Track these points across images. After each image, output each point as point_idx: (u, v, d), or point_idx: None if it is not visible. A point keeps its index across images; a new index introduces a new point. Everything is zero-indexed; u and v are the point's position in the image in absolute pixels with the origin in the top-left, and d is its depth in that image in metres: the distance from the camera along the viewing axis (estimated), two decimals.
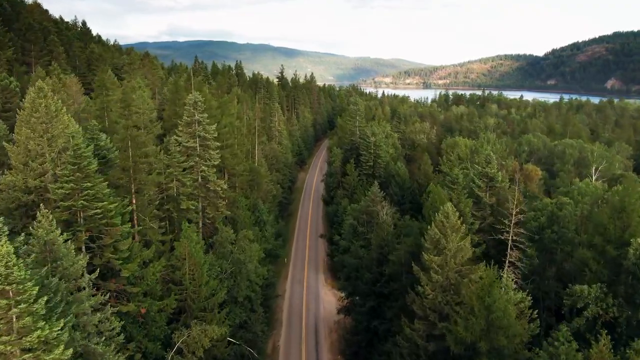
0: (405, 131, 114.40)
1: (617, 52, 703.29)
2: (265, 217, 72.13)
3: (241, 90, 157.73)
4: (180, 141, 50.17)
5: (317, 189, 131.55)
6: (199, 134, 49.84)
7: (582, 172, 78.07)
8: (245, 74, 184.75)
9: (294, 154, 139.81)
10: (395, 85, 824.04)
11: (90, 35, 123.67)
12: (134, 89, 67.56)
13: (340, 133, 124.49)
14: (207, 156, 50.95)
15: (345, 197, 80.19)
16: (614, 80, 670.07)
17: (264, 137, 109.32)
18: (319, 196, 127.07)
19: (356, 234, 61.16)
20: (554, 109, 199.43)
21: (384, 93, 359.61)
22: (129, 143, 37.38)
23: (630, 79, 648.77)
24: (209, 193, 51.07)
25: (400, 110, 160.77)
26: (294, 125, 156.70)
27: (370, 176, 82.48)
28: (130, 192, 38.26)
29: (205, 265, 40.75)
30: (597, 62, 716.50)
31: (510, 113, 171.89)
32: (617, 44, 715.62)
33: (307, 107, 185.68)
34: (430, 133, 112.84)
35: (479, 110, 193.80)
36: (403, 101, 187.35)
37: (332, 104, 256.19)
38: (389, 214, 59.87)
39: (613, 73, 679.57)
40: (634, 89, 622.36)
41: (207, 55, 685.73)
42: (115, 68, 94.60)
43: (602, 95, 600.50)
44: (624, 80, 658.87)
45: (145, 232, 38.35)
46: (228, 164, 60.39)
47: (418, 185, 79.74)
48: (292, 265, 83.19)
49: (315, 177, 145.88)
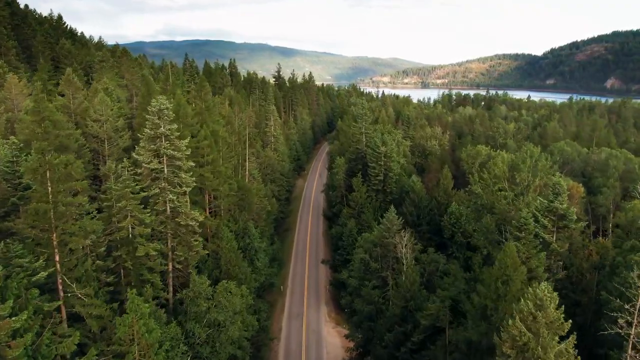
0: (415, 137, 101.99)
1: (616, 52, 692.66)
2: (258, 244, 59.76)
3: (234, 90, 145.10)
4: (141, 161, 37.67)
5: (316, 199, 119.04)
6: (165, 151, 37.36)
7: (629, 187, 65.89)
8: (240, 74, 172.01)
9: (292, 159, 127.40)
10: (394, 85, 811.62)
11: (67, 30, 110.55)
12: (96, 91, 54.99)
13: (343, 138, 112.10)
14: (178, 180, 38.44)
15: (351, 218, 67.84)
16: (614, 80, 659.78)
17: (258, 144, 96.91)
18: (319, 207, 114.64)
19: (368, 270, 48.88)
20: (566, 110, 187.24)
21: (383, 93, 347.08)
22: (46, 174, 24.87)
23: (630, 78, 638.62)
24: (179, 229, 38.57)
25: (405, 113, 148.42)
26: (291, 129, 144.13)
27: (380, 192, 70.11)
28: (51, 245, 25.81)
29: (165, 346, 28.37)
30: (596, 61, 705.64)
31: (522, 115, 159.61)
32: (616, 44, 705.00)
33: (305, 109, 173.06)
34: (442, 139, 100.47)
35: (487, 112, 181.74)
36: (407, 102, 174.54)
37: (331, 105, 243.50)
38: (409, 245, 47.58)
39: (612, 72, 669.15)
40: (634, 88, 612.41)
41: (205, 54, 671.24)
42: (88, 66, 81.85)
43: (601, 95, 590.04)
44: (623, 79, 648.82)
45: (74, 304, 25.89)
46: (209, 184, 47.94)
47: (437, 203, 67.49)
48: (289, 295, 70.73)
49: (314, 185, 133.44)
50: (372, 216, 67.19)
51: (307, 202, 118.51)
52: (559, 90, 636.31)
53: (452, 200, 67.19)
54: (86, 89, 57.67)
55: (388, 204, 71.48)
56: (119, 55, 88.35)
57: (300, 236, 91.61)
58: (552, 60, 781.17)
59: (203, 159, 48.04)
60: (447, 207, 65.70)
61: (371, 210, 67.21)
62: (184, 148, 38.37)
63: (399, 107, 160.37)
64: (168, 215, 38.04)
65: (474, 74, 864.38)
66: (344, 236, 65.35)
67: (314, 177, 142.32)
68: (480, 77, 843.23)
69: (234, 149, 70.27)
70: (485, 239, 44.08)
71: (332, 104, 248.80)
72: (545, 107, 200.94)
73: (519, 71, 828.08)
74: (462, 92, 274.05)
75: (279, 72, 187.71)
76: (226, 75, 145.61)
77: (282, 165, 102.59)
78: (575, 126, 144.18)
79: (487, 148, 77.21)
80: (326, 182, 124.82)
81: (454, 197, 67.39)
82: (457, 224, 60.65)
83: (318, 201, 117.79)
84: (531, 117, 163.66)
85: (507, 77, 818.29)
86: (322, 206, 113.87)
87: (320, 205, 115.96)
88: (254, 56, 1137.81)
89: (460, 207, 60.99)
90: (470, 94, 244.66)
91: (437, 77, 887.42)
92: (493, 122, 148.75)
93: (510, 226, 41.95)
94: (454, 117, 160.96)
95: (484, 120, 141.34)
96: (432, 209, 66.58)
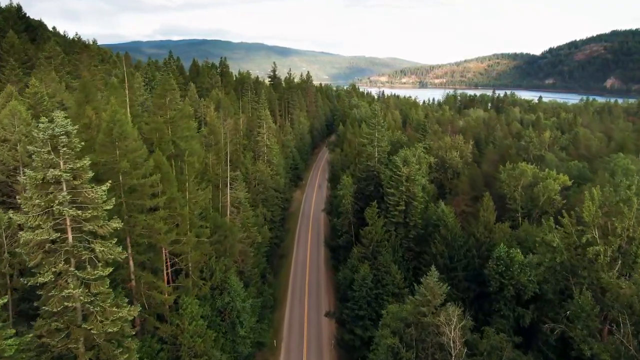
0: (432, 147, 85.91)
1: (615, 51, 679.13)
2: (241, 304, 43.58)
3: (224, 92, 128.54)
4: (25, 225, 21.52)
5: (316, 217, 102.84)
6: (63, 210, 21.19)
7: None
8: (232, 74, 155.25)
9: (288, 169, 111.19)
10: (391, 85, 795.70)
11: (25, 22, 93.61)
12: (10, 96, 38.57)
13: (347, 148, 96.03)
14: (89, 256, 22.26)
15: (364, 260, 51.68)
16: (614, 80, 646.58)
17: (248, 158, 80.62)
18: (319, 227, 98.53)
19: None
20: (584, 112, 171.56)
21: (383, 93, 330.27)
22: None
23: (630, 78, 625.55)
24: (94, 339, 22.38)
25: (414, 117, 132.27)
26: (287, 134, 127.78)
27: (400, 225, 53.92)
28: None
29: None
30: (595, 60, 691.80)
31: (539, 118, 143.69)
32: (615, 43, 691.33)
33: (303, 111, 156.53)
34: (464, 149, 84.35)
35: (499, 114, 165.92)
36: (414, 105, 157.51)
37: (330, 106, 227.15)
38: (457, 327, 31.64)
39: (612, 72, 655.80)
40: (634, 88, 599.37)
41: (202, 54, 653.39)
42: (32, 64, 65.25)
43: (601, 95, 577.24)
44: (623, 79, 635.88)
45: None
46: (162, 238, 31.73)
47: (475, 241, 51.45)
48: (284, 353, 54.54)
49: (313, 199, 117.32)
50: (391, 257, 51.10)
51: (306, 219, 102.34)
52: (558, 90, 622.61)
53: (495, 237, 51.24)
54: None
55: (411, 241, 55.45)
56: (77, 50, 71.60)
57: (298, 269, 75.43)
58: (551, 59, 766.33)
59: (157, 201, 31.81)
60: (489, 248, 49.75)
61: (390, 251, 51.12)
62: (99, 198, 22.15)
63: (404, 109, 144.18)
64: (71, 320, 21.81)
65: (472, 73, 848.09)
66: (356, 285, 49.19)
67: (313, 189, 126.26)
68: (478, 77, 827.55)
69: (213, 170, 53.97)
70: (584, 328, 28.23)
71: (332, 105, 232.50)
72: (559, 109, 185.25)
73: (517, 71, 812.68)
74: (466, 93, 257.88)
75: (274, 71, 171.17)
76: (216, 75, 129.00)
77: (276, 180, 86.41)
78: (599, 131, 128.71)
79: (533, 167, 61.14)
80: (327, 198, 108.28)
81: (498, 232, 51.42)
82: (507, 272, 44.79)
83: (318, 220, 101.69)
84: (550, 121, 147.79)
85: (506, 76, 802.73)
86: (322, 226, 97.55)
87: (320, 224, 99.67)
88: (251, 56, 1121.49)
89: (510, 250, 45.13)
90: (475, 94, 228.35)
91: (435, 77, 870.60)
92: (511, 127, 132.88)
93: (625, 314, 26.30)
94: (467, 121, 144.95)
95: (502, 125, 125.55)
96: (470, 249, 50.54)
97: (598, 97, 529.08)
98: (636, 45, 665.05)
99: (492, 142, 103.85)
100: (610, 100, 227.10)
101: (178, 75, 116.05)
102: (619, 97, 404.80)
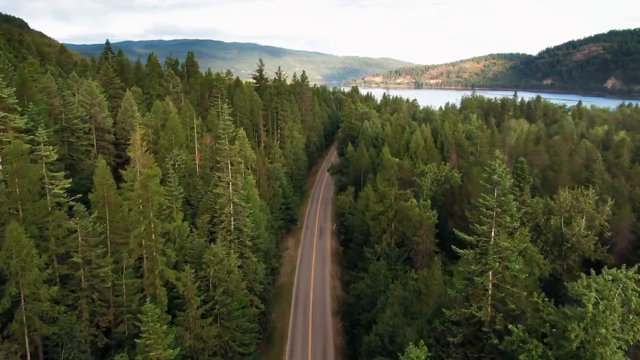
0: (530, 206, 46.84)
1: (614, 51, 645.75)
2: None
3: (184, 99, 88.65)
4: None
5: (320, 298, 63.58)
6: None
7: None
8: (202, 74, 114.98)
9: (272, 221, 71.75)
10: (386, 85, 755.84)
11: None
12: None
13: (371, 196, 56.67)
14: None
15: None
16: (614, 80, 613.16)
17: (204, 220, 41.54)
18: (325, 313, 59.62)
19: None
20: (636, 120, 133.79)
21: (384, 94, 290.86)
22: None
23: (631, 78, 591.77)
24: None
25: (446, 132, 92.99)
26: (276, 159, 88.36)
27: None
28: None
29: None
30: (594, 60, 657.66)
31: (611, 133, 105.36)
32: (614, 43, 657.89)
33: (297, 123, 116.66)
34: (597, 217, 45.52)
35: (548, 126, 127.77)
36: (445, 115, 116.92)
37: (328, 112, 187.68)
38: None
39: (612, 72, 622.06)
40: (636, 88, 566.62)
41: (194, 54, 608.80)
42: None
43: (602, 95, 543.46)
44: (624, 79, 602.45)
45: None
46: None
47: None
48: None
49: (313, 253, 78.10)
50: None
51: (302, 307, 62.54)
52: (557, 91, 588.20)
53: None
54: None
55: None
56: None
57: None
58: (549, 59, 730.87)
59: None
60: None
61: None
62: None
63: (437, 124, 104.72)
64: None
65: (469, 74, 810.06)
66: None
67: (312, 236, 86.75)
68: (474, 77, 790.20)
69: None
70: None
71: (329, 111, 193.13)
72: (597, 117, 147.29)
73: (514, 71, 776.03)
74: (484, 95, 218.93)
75: (260, 71, 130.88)
76: (173, 76, 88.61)
77: (250, 266, 47.18)
78: None
79: None
80: (332, 279, 68.04)
81: None
82: None
83: (324, 303, 62.40)
84: (619, 134, 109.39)
85: (503, 77, 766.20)
86: (331, 319, 58.18)
87: (327, 307, 60.29)
88: (243, 56, 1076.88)
89: None
90: (496, 98, 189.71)
91: (430, 77, 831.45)
92: (578, 147, 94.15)
93: None
94: (513, 137, 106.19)
95: (579, 149, 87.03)
96: None
97: (599, 97, 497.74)
98: (636, 45, 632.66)
99: (631, 199, 60.77)
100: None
101: (115, 76, 76.17)
102: (621, 98, 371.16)
